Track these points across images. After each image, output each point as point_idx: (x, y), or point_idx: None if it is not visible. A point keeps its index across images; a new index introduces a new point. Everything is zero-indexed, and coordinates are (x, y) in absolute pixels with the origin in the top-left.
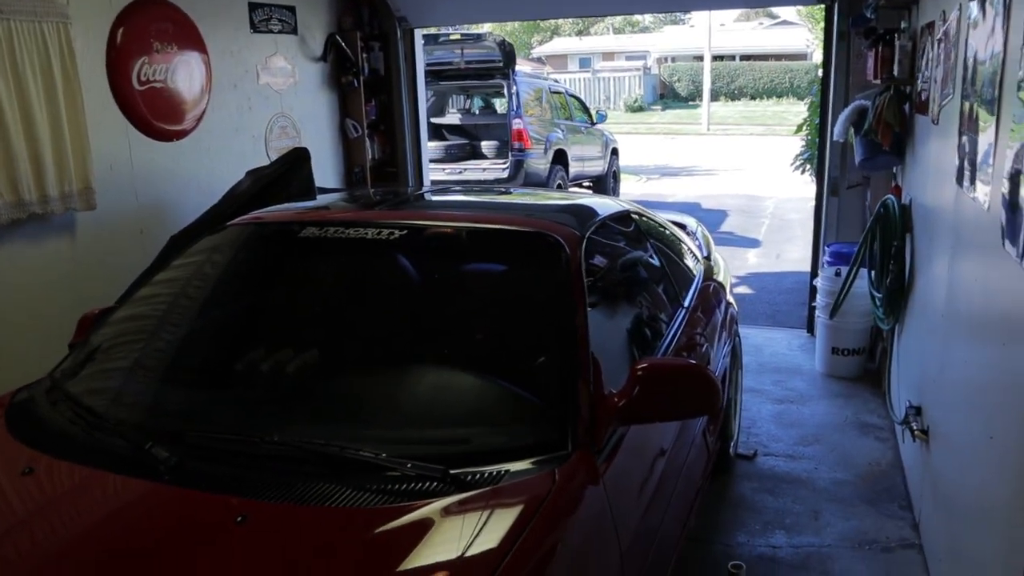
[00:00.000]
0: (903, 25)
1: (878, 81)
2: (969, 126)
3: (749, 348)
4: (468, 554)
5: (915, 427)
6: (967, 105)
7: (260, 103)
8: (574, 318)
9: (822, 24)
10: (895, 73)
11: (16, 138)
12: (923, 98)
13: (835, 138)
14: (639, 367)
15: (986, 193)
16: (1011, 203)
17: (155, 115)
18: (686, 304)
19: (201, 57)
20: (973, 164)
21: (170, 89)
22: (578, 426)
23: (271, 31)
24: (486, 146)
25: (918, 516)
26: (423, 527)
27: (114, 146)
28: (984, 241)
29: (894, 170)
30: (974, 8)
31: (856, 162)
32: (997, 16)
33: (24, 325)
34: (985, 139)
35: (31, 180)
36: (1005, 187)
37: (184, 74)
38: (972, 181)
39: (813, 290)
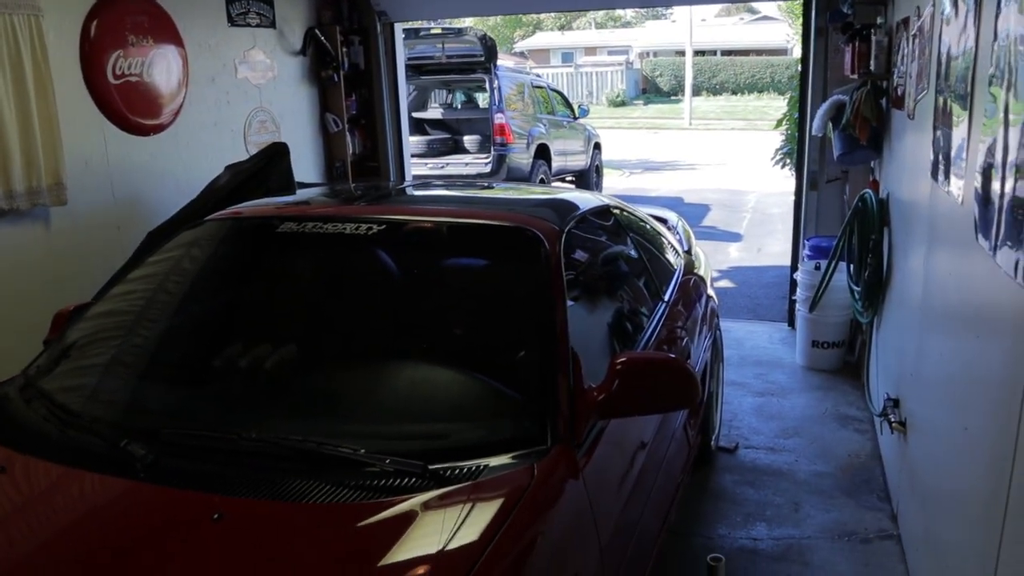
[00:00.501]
0: (879, 20)
1: (855, 76)
2: (943, 120)
3: (731, 341)
4: (448, 548)
5: (893, 419)
6: (941, 100)
7: (238, 97)
8: (553, 312)
9: (801, 19)
10: (872, 68)
11: None
12: (899, 93)
13: (814, 133)
14: (618, 361)
15: (960, 187)
16: (984, 197)
17: (131, 109)
18: (666, 298)
19: (178, 51)
20: (947, 158)
21: (146, 83)
22: (557, 420)
23: (249, 24)
24: (468, 141)
25: (896, 507)
26: (403, 522)
27: (89, 141)
28: (958, 235)
29: (872, 164)
30: (947, 4)
31: (834, 156)
32: (969, 12)
33: None
34: (959, 133)
35: None
36: (978, 181)
37: (161, 68)
38: (947, 175)
39: (793, 284)
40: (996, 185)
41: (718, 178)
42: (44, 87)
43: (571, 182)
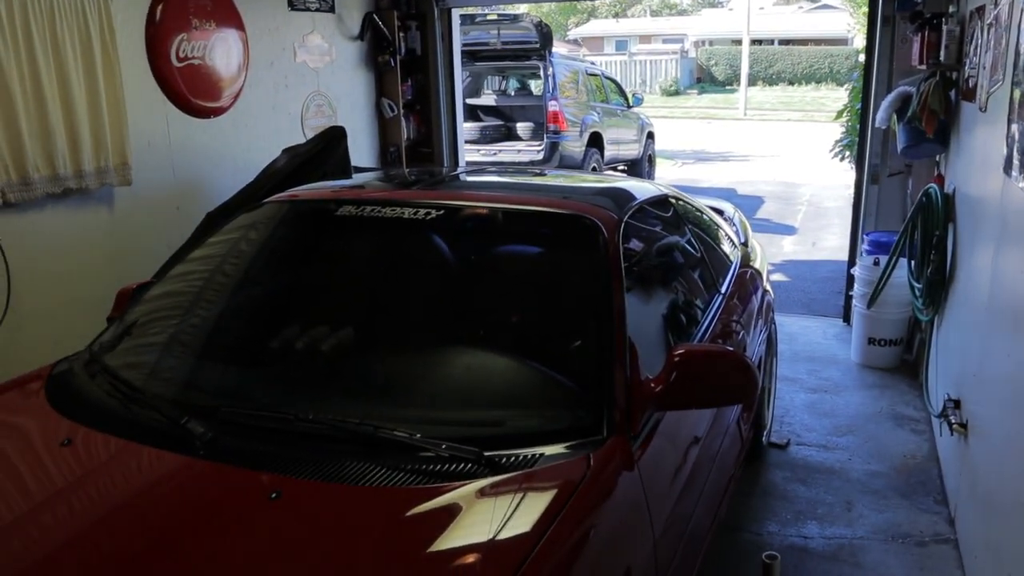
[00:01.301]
0: (951, 9)
1: (923, 67)
2: (1020, 114)
3: (783, 336)
4: (500, 537)
5: (953, 420)
6: (1018, 92)
7: (296, 81)
8: (611, 302)
9: (864, 8)
10: (941, 59)
11: (54, 113)
12: (970, 85)
13: (877, 125)
14: (676, 353)
15: None
16: None
17: (193, 92)
18: (723, 290)
19: (239, 34)
20: (1022, 153)
21: (208, 66)
22: (614, 411)
23: (308, 9)
24: (521, 128)
25: (954, 511)
26: (456, 509)
27: (152, 122)
28: None
29: (937, 158)
30: None
31: (898, 149)
32: None
33: (63, 298)
34: None
35: (67, 154)
36: None
37: (222, 51)
38: (1021, 170)
39: (850, 279)
40: None
41: (772, 170)
42: (112, 69)
43: (623, 171)
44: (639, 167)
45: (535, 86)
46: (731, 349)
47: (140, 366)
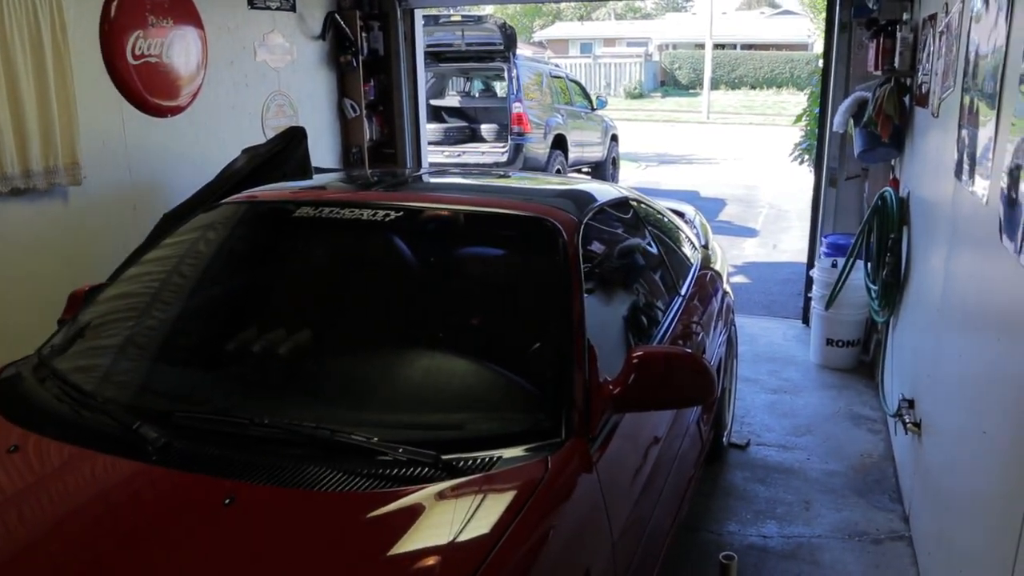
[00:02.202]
0: (905, 16)
1: (879, 72)
2: (969, 120)
3: (744, 337)
4: (460, 539)
5: (907, 420)
6: (968, 99)
7: (257, 80)
8: (570, 304)
9: (824, 14)
10: (896, 65)
11: (1, 111)
12: (923, 91)
13: (835, 129)
14: (635, 355)
15: (985, 187)
16: (1009, 198)
17: (150, 90)
18: (683, 292)
19: (197, 32)
20: (972, 158)
21: (165, 64)
22: (572, 413)
23: (269, 8)
24: (485, 129)
25: (908, 508)
26: (414, 512)
27: (107, 121)
28: (982, 235)
29: (892, 162)
30: (977, 1)
31: (855, 153)
32: (1000, 10)
33: (12, 300)
34: (985, 133)
35: (14, 154)
36: (1004, 182)
37: (180, 49)
38: (971, 175)
39: (809, 281)
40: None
41: (735, 173)
42: (63, 66)
43: (587, 173)
44: (603, 169)
45: (499, 88)
46: (690, 351)
47: (92, 370)
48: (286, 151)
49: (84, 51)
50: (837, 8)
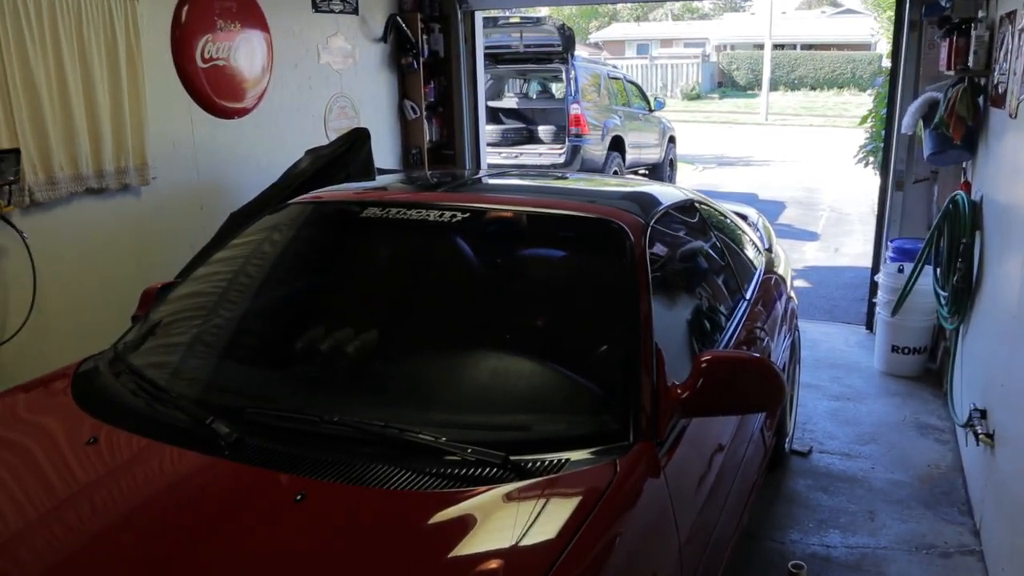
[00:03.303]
0: (980, 14)
1: (951, 72)
2: None
3: (806, 343)
4: (526, 543)
5: (979, 430)
6: None
7: (320, 83)
8: (638, 307)
9: (888, 13)
10: (970, 64)
11: (78, 113)
12: (1000, 91)
13: (903, 130)
14: (703, 359)
15: None
16: None
17: (217, 93)
18: (748, 296)
19: (263, 36)
20: None
21: (233, 67)
22: (640, 417)
23: (332, 11)
24: (543, 131)
25: (979, 522)
26: (481, 513)
27: (177, 123)
28: None
29: (964, 165)
30: None
31: (925, 155)
32: None
33: (88, 297)
34: None
35: (89, 155)
36: None
37: (246, 53)
38: None
39: (874, 286)
40: None
41: (794, 175)
42: (135, 70)
43: (644, 175)
44: (660, 171)
45: (557, 89)
46: (758, 356)
47: (165, 365)
48: (350, 152)
49: (156, 55)
50: (907, 7)
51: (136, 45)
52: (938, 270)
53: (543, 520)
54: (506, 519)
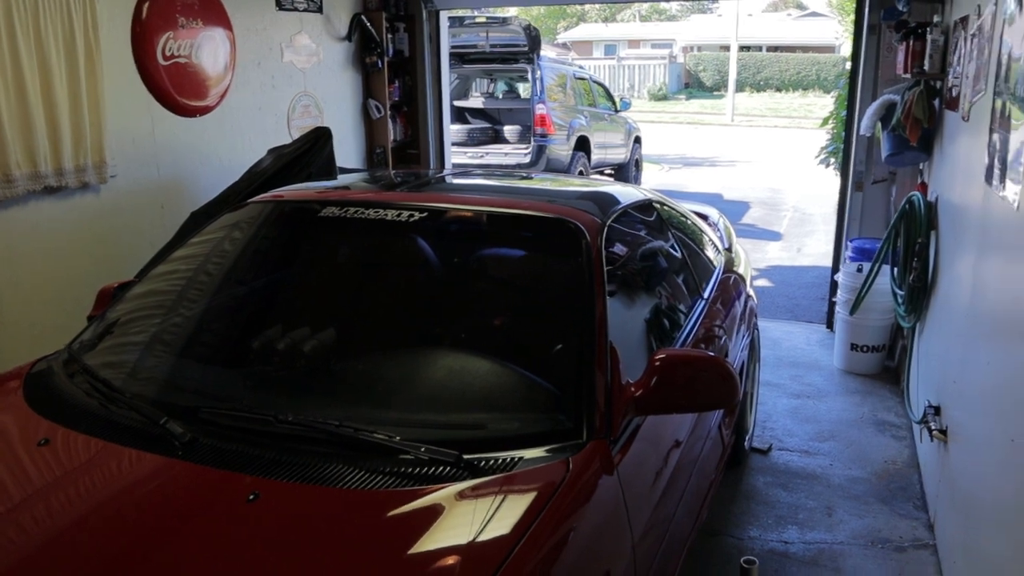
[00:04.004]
0: (936, 19)
1: (908, 75)
2: (1001, 124)
3: (767, 341)
4: (480, 539)
5: (933, 427)
6: (999, 102)
7: (283, 81)
8: (593, 306)
9: (851, 16)
10: (926, 68)
11: (36, 110)
12: (954, 94)
13: (862, 132)
14: (657, 357)
15: (1016, 192)
16: None
17: (179, 90)
18: (706, 295)
19: (226, 34)
20: (1004, 163)
21: (194, 65)
22: (594, 415)
23: (296, 9)
24: (508, 131)
25: (933, 517)
26: (435, 511)
27: (137, 120)
28: (1013, 241)
29: (921, 166)
30: (1011, 3)
31: (882, 157)
32: None
33: (44, 296)
34: (1017, 137)
35: (48, 152)
36: None
37: (209, 50)
38: (1002, 180)
39: (834, 285)
40: None
41: (758, 176)
42: (94, 67)
43: (610, 175)
44: (626, 171)
45: (523, 89)
46: (712, 354)
47: (120, 366)
48: (312, 151)
49: (116, 52)
50: (866, 10)
51: (95, 41)
52: (895, 269)
53: (495, 518)
54: (459, 517)
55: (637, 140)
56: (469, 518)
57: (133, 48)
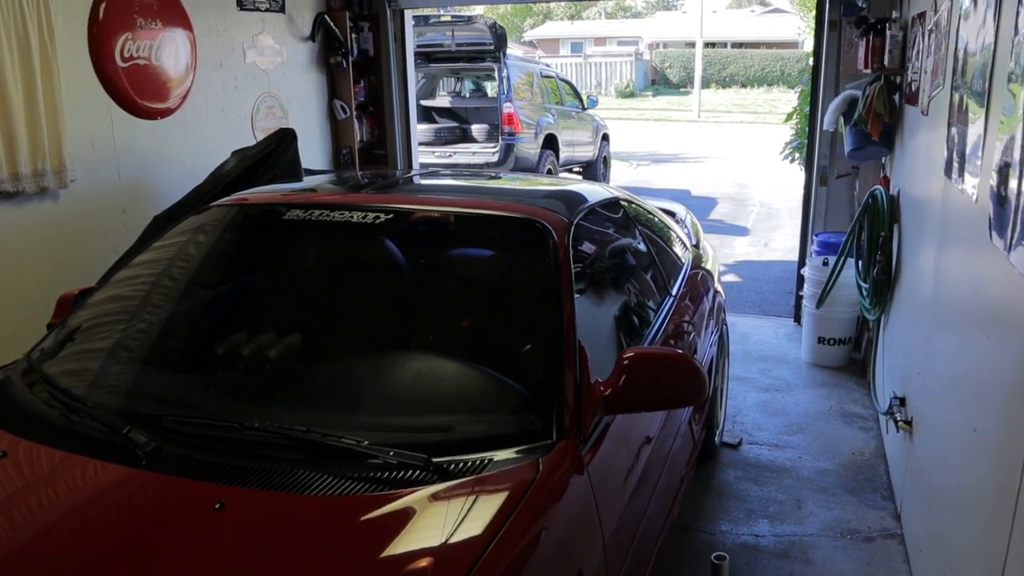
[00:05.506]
0: (894, 15)
1: (869, 71)
2: (959, 118)
3: (736, 336)
4: (452, 541)
5: (899, 418)
6: (957, 96)
7: (246, 82)
8: (560, 305)
9: (814, 12)
10: (886, 63)
11: None
12: (913, 88)
13: (825, 127)
14: (625, 356)
15: (974, 185)
16: (999, 195)
17: (139, 93)
18: (674, 292)
19: (186, 34)
20: (962, 156)
21: (154, 66)
22: (563, 415)
23: (258, 9)
24: (476, 130)
25: (900, 506)
26: (405, 515)
27: (96, 123)
28: (971, 233)
29: (883, 160)
30: None
31: (845, 152)
32: (988, 8)
33: (3, 305)
34: (974, 131)
35: (2, 157)
36: (993, 179)
37: (169, 51)
38: (961, 173)
39: (800, 279)
40: (1013, 184)
41: (726, 171)
42: (50, 70)
43: (578, 173)
44: (595, 169)
45: (490, 88)
46: (680, 352)
47: (81, 374)
48: (276, 153)
49: (73, 54)
50: (827, 6)
51: (50, 43)
52: (860, 263)
53: (467, 520)
54: (429, 520)
55: (605, 137)
56: (440, 520)
57: (90, 50)
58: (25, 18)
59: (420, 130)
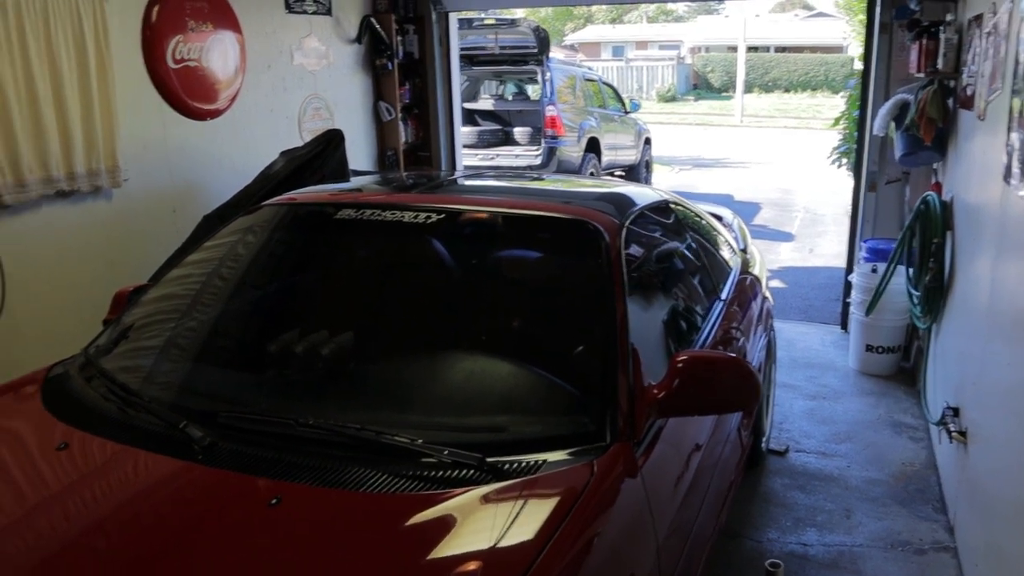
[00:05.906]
0: (949, 17)
1: (921, 74)
2: (1019, 123)
3: (782, 343)
4: (503, 545)
5: (952, 428)
6: (1017, 101)
7: (294, 84)
8: (614, 307)
9: (859, 16)
10: (939, 66)
11: (47, 114)
12: (968, 93)
13: (875, 132)
14: (680, 359)
15: None
16: None
17: (189, 94)
18: (723, 296)
19: (236, 37)
20: (1022, 162)
21: (205, 68)
22: (617, 417)
23: (306, 12)
24: (519, 132)
25: (953, 519)
26: (458, 515)
27: (148, 124)
28: None
29: (935, 166)
30: None
31: (896, 157)
32: None
33: (59, 301)
34: None
35: (59, 156)
36: None
37: (219, 54)
38: (1022, 179)
39: (848, 286)
40: None
41: (769, 176)
42: (105, 71)
43: (620, 176)
44: (636, 173)
45: (533, 91)
46: (734, 355)
47: (137, 370)
48: (324, 154)
49: (126, 56)
50: (877, 10)
51: (105, 45)
52: (911, 270)
53: (520, 522)
54: (483, 521)
55: (647, 141)
56: (493, 522)
57: (143, 52)
58: (81, 20)
59: (463, 132)
